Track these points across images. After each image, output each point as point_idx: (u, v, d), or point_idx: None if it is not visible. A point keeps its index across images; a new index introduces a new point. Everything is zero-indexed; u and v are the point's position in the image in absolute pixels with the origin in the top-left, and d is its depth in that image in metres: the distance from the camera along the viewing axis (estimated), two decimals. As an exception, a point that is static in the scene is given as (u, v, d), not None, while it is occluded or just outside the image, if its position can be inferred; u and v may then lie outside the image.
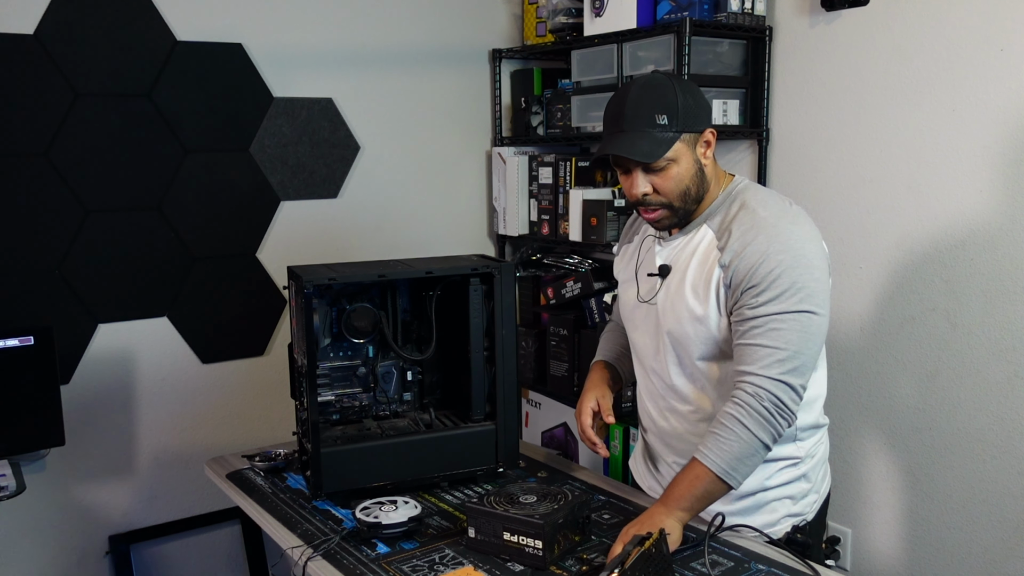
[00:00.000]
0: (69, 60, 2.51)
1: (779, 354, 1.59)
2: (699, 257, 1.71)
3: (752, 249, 1.62)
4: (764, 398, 1.59)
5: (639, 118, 1.63)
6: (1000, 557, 2.25)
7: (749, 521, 1.77)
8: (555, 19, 2.96)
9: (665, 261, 1.77)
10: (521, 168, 3.13)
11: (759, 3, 2.57)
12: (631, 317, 1.88)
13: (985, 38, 2.15)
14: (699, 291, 1.69)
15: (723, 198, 1.73)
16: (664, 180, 1.66)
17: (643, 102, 1.64)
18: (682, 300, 1.71)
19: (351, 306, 2.04)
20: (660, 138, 1.63)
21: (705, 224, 1.73)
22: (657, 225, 1.74)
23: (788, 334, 1.59)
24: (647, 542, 1.50)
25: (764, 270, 1.60)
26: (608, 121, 1.69)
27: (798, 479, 1.79)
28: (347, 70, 2.96)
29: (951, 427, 2.31)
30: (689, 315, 1.70)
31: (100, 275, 2.62)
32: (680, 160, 1.66)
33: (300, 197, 2.92)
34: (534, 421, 3.25)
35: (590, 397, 1.93)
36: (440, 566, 1.64)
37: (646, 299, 1.80)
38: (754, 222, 1.65)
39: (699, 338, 1.71)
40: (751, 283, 1.61)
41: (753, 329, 1.61)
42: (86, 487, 2.69)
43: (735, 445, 1.59)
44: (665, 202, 1.69)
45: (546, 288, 3.06)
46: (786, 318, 1.59)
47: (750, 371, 1.60)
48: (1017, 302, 2.16)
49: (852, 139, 2.44)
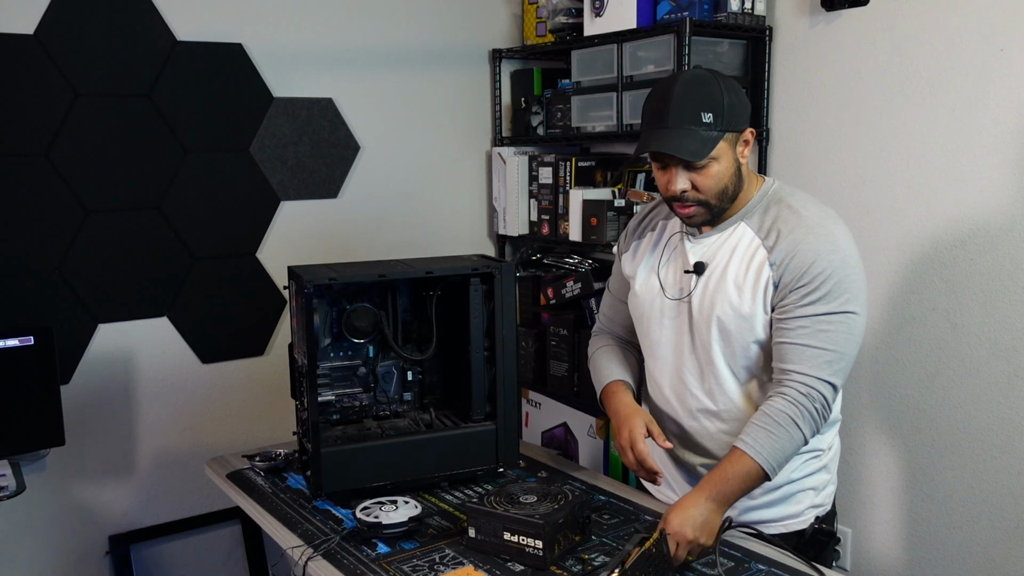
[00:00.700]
0: (69, 60, 2.51)
1: (827, 355, 1.61)
2: (741, 255, 1.70)
3: (805, 248, 1.63)
4: (815, 399, 1.61)
5: (684, 115, 1.61)
6: (1000, 557, 2.25)
7: (775, 513, 1.78)
8: (555, 19, 2.96)
9: (700, 258, 1.75)
10: (521, 168, 3.13)
11: (759, 3, 2.57)
12: (652, 315, 1.83)
13: (985, 38, 2.15)
14: (744, 289, 1.68)
15: (759, 197, 1.73)
16: (704, 178, 1.65)
17: (689, 99, 1.62)
18: (724, 296, 1.70)
19: (351, 306, 2.04)
20: (705, 137, 1.62)
21: (742, 222, 1.72)
22: (690, 221, 1.72)
23: (835, 335, 1.61)
24: (647, 542, 1.50)
25: (816, 270, 1.61)
26: (650, 115, 1.66)
27: (820, 470, 1.80)
28: (347, 70, 2.96)
29: (951, 427, 2.31)
30: (733, 312, 1.69)
31: (100, 275, 2.62)
32: (721, 159, 1.64)
33: (300, 197, 2.92)
34: (534, 421, 3.25)
35: (637, 422, 1.79)
36: (440, 566, 1.64)
37: (677, 296, 1.78)
38: (801, 222, 1.66)
39: (740, 334, 1.69)
40: (801, 283, 1.62)
41: (801, 329, 1.62)
42: (86, 487, 2.69)
43: (785, 443, 1.61)
44: (703, 199, 1.67)
45: (546, 288, 3.06)
46: (833, 319, 1.61)
47: (800, 371, 1.62)
48: (1017, 302, 2.16)
49: (852, 139, 2.44)
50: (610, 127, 2.81)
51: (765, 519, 1.79)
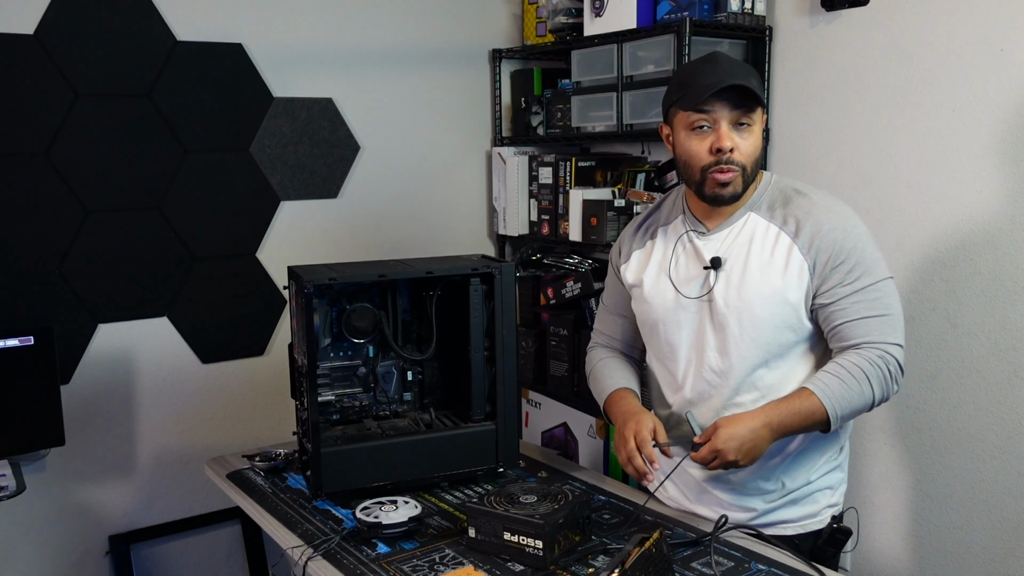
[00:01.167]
0: (69, 60, 2.51)
1: (890, 320, 1.67)
2: (760, 245, 1.71)
3: (829, 228, 1.67)
4: (890, 362, 1.65)
5: (740, 69, 1.67)
6: (1000, 557, 2.25)
7: (794, 513, 1.79)
8: (555, 19, 2.96)
9: (715, 254, 1.75)
10: (521, 168, 3.13)
11: (759, 3, 2.57)
12: (667, 318, 1.80)
13: (985, 38, 2.15)
14: (772, 276, 1.69)
15: (763, 189, 1.76)
16: (746, 141, 1.68)
17: (735, 63, 1.69)
18: (749, 286, 1.70)
19: (351, 306, 2.04)
20: (760, 89, 1.68)
21: (750, 213, 1.74)
22: (725, 189, 1.70)
23: (886, 300, 1.67)
24: (647, 542, 1.49)
25: (848, 246, 1.66)
26: (701, 74, 1.67)
27: (834, 469, 1.82)
28: (347, 70, 2.96)
29: (951, 427, 2.31)
30: (761, 299, 1.69)
31: (100, 275, 2.62)
32: (755, 127, 1.69)
33: (300, 197, 2.92)
34: (534, 421, 3.25)
35: (645, 419, 1.75)
36: (440, 566, 1.64)
37: (696, 295, 1.77)
38: (815, 206, 1.70)
39: (773, 321, 1.70)
40: (837, 261, 1.66)
41: (857, 304, 1.66)
42: (86, 487, 2.69)
43: (855, 396, 1.64)
44: (742, 163, 1.69)
45: (546, 288, 3.06)
46: (879, 286, 1.67)
47: (869, 340, 1.65)
48: (1017, 302, 2.16)
49: (852, 139, 2.44)
50: (610, 127, 2.81)
51: (785, 519, 1.79)
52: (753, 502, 1.79)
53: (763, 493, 1.79)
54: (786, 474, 1.77)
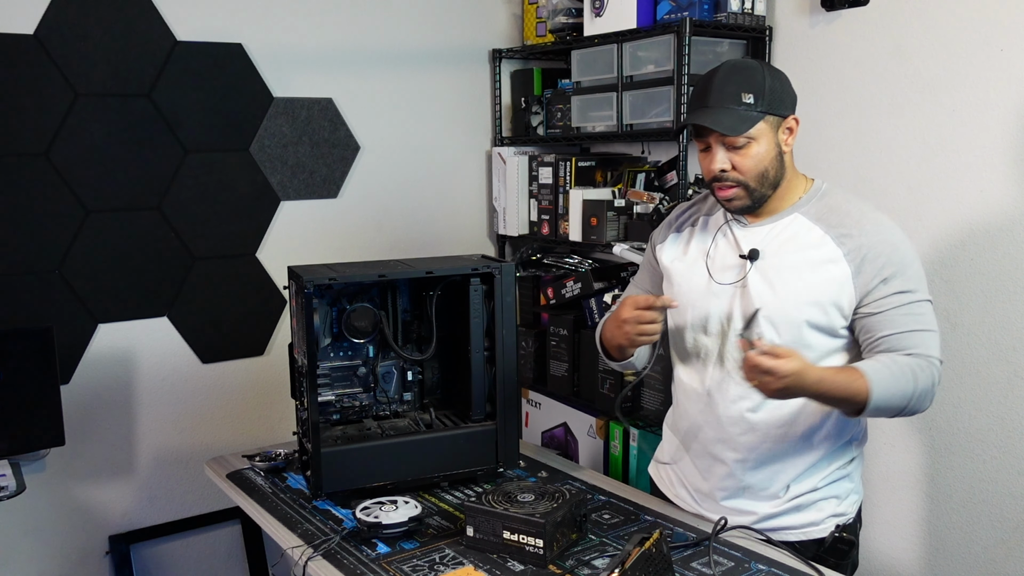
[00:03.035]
0: (69, 60, 2.51)
1: (935, 337, 1.68)
2: (802, 245, 1.71)
3: (881, 239, 1.67)
4: (936, 375, 1.65)
5: (725, 95, 1.66)
6: (1000, 557, 2.25)
7: (795, 520, 1.77)
8: (555, 19, 2.96)
9: (754, 246, 1.75)
10: (521, 168, 3.13)
11: (759, 3, 2.57)
12: (698, 303, 1.81)
13: (985, 38, 2.15)
14: (812, 277, 1.68)
15: (813, 192, 1.76)
16: (743, 158, 1.68)
17: (730, 80, 1.67)
18: (785, 283, 1.70)
19: (351, 306, 2.04)
20: (744, 115, 1.66)
21: (797, 213, 1.74)
22: (729, 204, 1.73)
23: (930, 317, 1.68)
24: (647, 542, 1.49)
25: (897, 259, 1.66)
26: (695, 97, 1.72)
27: (843, 479, 1.80)
28: (347, 70, 2.96)
29: (951, 427, 2.31)
30: (795, 298, 1.69)
31: (100, 275, 2.62)
32: (761, 140, 1.68)
33: (300, 197, 2.92)
34: (534, 421, 3.25)
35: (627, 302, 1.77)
36: (440, 566, 1.64)
37: (728, 282, 1.77)
38: (866, 216, 1.70)
39: (804, 320, 1.69)
40: (888, 272, 1.65)
41: (906, 317, 1.65)
42: (86, 487, 2.69)
43: (901, 385, 1.61)
44: (742, 180, 1.69)
45: (546, 288, 3.06)
46: (925, 305, 1.68)
47: (920, 352, 1.65)
48: (1017, 302, 2.16)
49: (852, 139, 2.44)
50: (610, 127, 2.81)
51: (786, 526, 1.78)
52: (758, 506, 1.79)
53: (769, 498, 1.78)
54: (793, 479, 1.77)
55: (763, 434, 1.74)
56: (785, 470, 1.76)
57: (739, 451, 1.77)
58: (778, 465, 1.75)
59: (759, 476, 1.77)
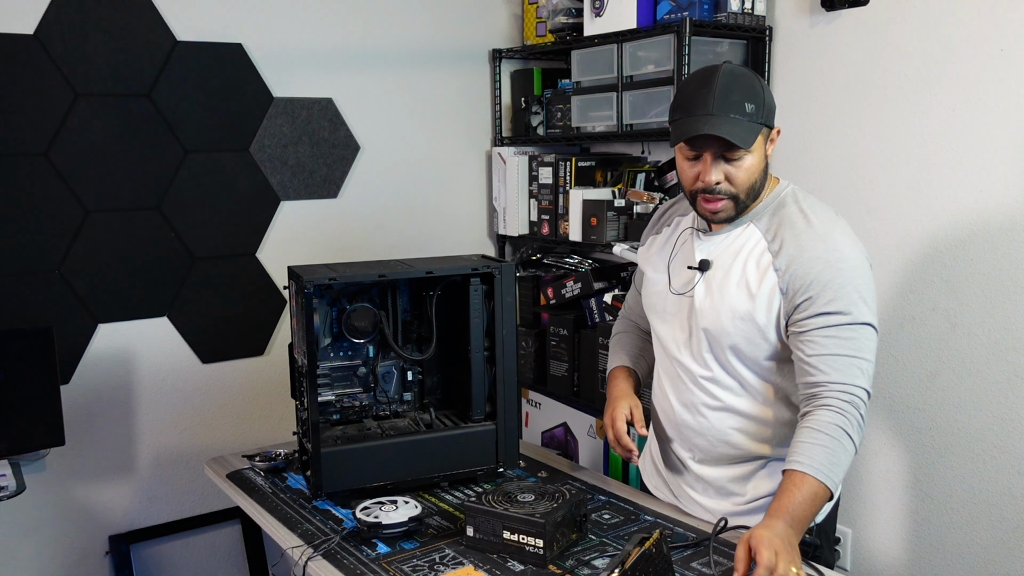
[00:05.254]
0: (69, 60, 2.51)
1: (859, 363, 1.58)
2: (746, 256, 1.68)
3: (810, 256, 1.60)
4: (858, 406, 1.57)
5: (730, 103, 1.59)
6: (1000, 557, 2.25)
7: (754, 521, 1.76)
8: (555, 19, 2.96)
9: (706, 256, 1.74)
10: (521, 168, 3.13)
11: (759, 3, 2.57)
12: (658, 308, 1.84)
13: (985, 38, 2.15)
14: (747, 290, 1.67)
15: (770, 200, 1.71)
16: (738, 170, 1.63)
17: (733, 88, 1.60)
18: (724, 296, 1.69)
19: (351, 306, 2.04)
20: (749, 126, 1.60)
21: (751, 223, 1.70)
22: (716, 216, 1.69)
23: (860, 343, 1.59)
24: (647, 542, 1.49)
25: (826, 278, 1.59)
26: (693, 102, 1.62)
27: None
28: (347, 70, 2.96)
29: (951, 427, 2.31)
30: (731, 312, 1.68)
31: (100, 275, 2.62)
32: (755, 152, 1.64)
33: (300, 197, 2.92)
34: (534, 421, 3.25)
35: (622, 405, 1.85)
36: (440, 566, 1.64)
37: (680, 291, 1.77)
38: (808, 228, 1.64)
39: (740, 335, 1.68)
40: (810, 292, 1.59)
41: (828, 339, 1.58)
42: (86, 487, 2.69)
43: (841, 455, 1.55)
44: (733, 193, 1.65)
45: (546, 288, 3.06)
46: (857, 329, 1.58)
47: (837, 380, 1.57)
48: (1017, 302, 2.16)
49: (852, 139, 2.44)
50: (610, 127, 2.81)
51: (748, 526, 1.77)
52: (721, 504, 1.81)
53: (728, 495, 1.80)
54: (753, 482, 1.78)
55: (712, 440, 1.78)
56: (750, 475, 1.78)
57: (692, 451, 1.83)
58: (737, 469, 1.79)
59: (722, 478, 1.80)
